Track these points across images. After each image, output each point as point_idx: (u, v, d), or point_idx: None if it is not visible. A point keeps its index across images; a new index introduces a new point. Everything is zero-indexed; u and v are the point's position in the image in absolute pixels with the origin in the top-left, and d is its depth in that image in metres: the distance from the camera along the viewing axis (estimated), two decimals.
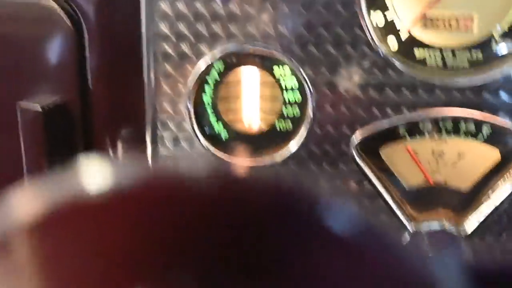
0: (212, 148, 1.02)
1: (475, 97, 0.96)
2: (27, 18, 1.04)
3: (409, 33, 0.97)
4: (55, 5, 1.02)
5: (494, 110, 0.97)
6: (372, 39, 0.95)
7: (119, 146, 1.08)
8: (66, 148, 1.08)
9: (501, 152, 1.03)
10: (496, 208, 1.02)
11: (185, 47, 0.97)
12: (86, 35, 1.03)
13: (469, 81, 0.96)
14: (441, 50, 0.98)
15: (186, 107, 1.00)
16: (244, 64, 1.01)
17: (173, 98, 1.00)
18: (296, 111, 1.02)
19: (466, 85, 0.96)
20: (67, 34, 1.03)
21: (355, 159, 1.01)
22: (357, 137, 1.00)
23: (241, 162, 1.03)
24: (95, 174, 0.31)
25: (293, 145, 1.01)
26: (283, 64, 0.98)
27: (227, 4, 0.93)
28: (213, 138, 1.04)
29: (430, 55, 0.98)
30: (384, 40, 0.97)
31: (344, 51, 0.95)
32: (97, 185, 0.30)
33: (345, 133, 1.00)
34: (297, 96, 1.01)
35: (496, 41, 0.97)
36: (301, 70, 0.96)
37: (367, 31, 0.94)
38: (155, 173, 0.32)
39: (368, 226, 0.31)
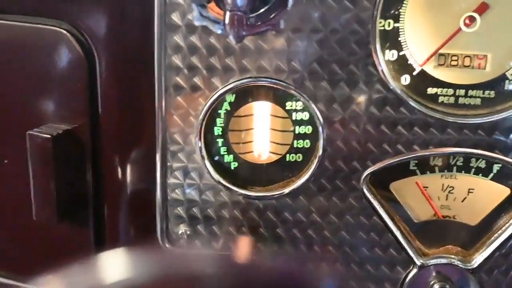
0: (222, 180, 1.01)
1: (486, 135, 0.96)
2: (38, 45, 1.03)
3: (422, 70, 0.97)
4: (66, 33, 1.01)
5: (505, 149, 0.97)
6: (385, 76, 0.94)
7: (128, 172, 1.08)
8: (74, 172, 1.07)
9: (510, 190, 1.03)
10: (504, 244, 1.02)
11: (197, 80, 0.97)
12: (97, 62, 1.02)
13: (481, 119, 0.96)
14: (453, 87, 0.98)
15: (196, 138, 0.99)
16: (256, 97, 1.00)
17: (184, 129, 0.99)
18: (307, 144, 1.02)
19: (477, 123, 0.96)
20: (78, 60, 1.02)
21: (365, 194, 1.01)
22: (367, 172, 0.99)
23: (251, 193, 1.02)
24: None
25: (303, 178, 1.01)
26: (295, 98, 0.98)
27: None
28: (223, 170, 1.03)
29: (442, 92, 0.98)
30: (396, 77, 0.97)
31: (357, 88, 0.95)
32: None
33: (356, 168, 1.00)
34: (308, 130, 1.01)
35: (509, 80, 0.96)
36: (312, 105, 0.96)
37: (380, 68, 0.94)
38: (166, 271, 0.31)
39: None
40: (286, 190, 1.02)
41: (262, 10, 0.89)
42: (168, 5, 0.92)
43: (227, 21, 0.85)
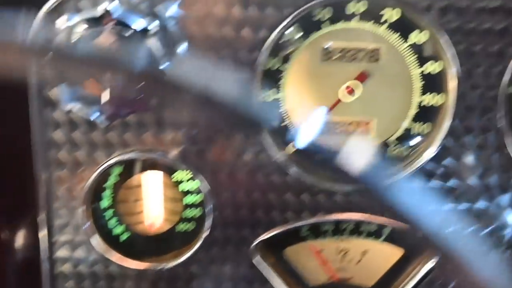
0: (109, 254, 0.99)
1: (374, 200, 0.96)
2: None
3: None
4: None
5: (393, 213, 0.97)
6: (270, 145, 0.94)
7: (14, 247, 1.05)
8: None
9: (403, 251, 1.04)
10: None
11: (80, 154, 0.95)
12: None
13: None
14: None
15: (83, 211, 0.97)
16: (144, 169, 0.99)
17: (70, 203, 0.97)
18: (197, 213, 1.01)
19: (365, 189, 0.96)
20: None
21: (257, 262, 1.00)
22: (258, 240, 0.99)
23: (143, 264, 1.01)
24: None
25: (195, 247, 1.00)
26: (182, 168, 0.97)
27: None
28: (113, 242, 1.01)
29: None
30: (282, 145, 0.97)
31: (243, 156, 0.94)
32: None
33: (246, 236, 0.99)
34: (198, 199, 1.00)
35: (393, 145, 0.97)
36: (199, 175, 0.95)
37: (265, 137, 0.93)
38: None
39: None
40: (179, 260, 1.00)
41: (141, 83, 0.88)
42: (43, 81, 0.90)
43: (105, 99, 0.83)
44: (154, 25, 0.80)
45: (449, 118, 0.92)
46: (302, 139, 0.52)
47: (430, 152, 0.94)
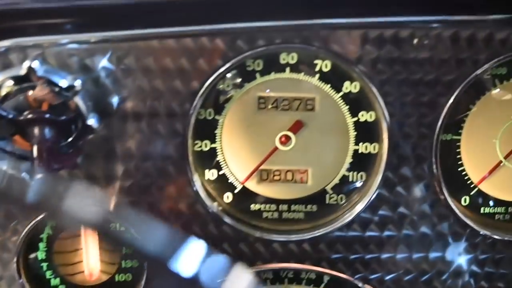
0: None
1: (311, 250, 0.96)
2: None
3: (244, 187, 0.97)
4: None
5: (330, 262, 0.97)
6: (206, 196, 0.94)
7: None
8: None
9: None
10: None
11: (13, 207, 0.93)
12: None
13: (305, 234, 0.96)
14: (276, 202, 0.98)
15: (15, 265, 0.95)
16: None
17: (3, 256, 0.95)
18: (134, 264, 1.00)
19: (302, 238, 0.96)
20: None
21: None
22: None
23: None
24: None
25: None
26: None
27: None
28: None
29: (266, 208, 0.98)
30: (219, 195, 0.96)
31: (176, 210, 0.94)
32: None
33: None
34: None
35: (329, 194, 0.97)
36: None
37: (195, 189, 0.93)
38: None
39: None
40: None
41: (70, 138, 0.87)
42: None
43: (35, 154, 0.82)
44: (79, 82, 0.80)
45: (382, 168, 0.92)
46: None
47: (365, 201, 0.94)
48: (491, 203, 0.99)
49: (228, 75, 0.92)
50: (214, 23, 0.87)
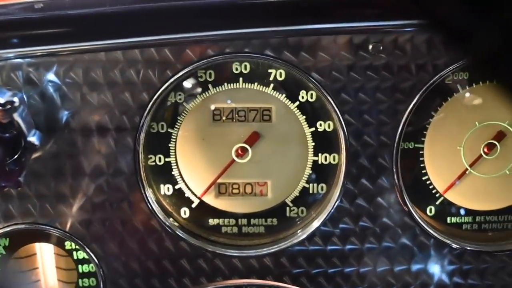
0: None
1: (273, 264, 0.93)
2: None
3: (202, 201, 0.94)
4: None
5: (292, 276, 0.94)
6: (161, 211, 0.91)
7: None
8: None
9: None
10: None
11: None
12: None
13: (266, 248, 0.93)
14: (235, 216, 0.95)
15: None
16: (35, 238, 0.95)
17: None
18: (93, 282, 0.97)
19: (262, 253, 0.93)
20: None
21: None
22: None
23: None
24: None
25: None
26: (70, 240, 0.93)
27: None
28: None
29: (224, 223, 0.95)
30: (176, 210, 0.94)
31: (130, 225, 0.91)
32: None
33: None
34: (92, 268, 0.96)
35: (289, 207, 0.94)
36: (87, 247, 0.91)
37: (154, 204, 0.90)
38: None
39: None
40: None
41: (16, 156, 0.84)
42: None
43: None
44: (17, 99, 0.77)
45: (342, 179, 0.89)
46: None
47: (326, 214, 0.91)
48: (459, 212, 0.96)
49: (180, 86, 0.89)
50: (162, 34, 0.84)
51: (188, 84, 0.89)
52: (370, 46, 0.84)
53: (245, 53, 0.84)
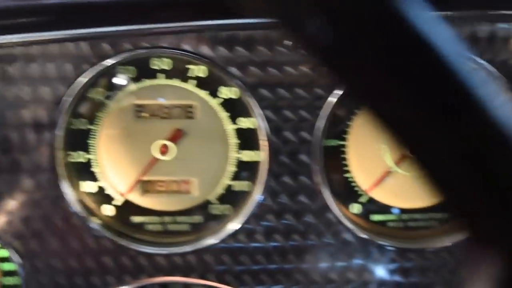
0: None
1: (196, 262, 0.92)
2: None
3: (126, 199, 0.93)
4: None
5: (217, 273, 0.93)
6: (82, 209, 0.90)
7: None
8: None
9: None
10: None
11: None
12: None
13: (188, 246, 0.92)
14: (159, 214, 0.94)
15: None
16: None
17: None
18: (16, 281, 0.95)
19: (185, 250, 0.92)
20: None
21: None
22: None
23: None
24: None
25: None
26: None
27: None
28: None
29: (148, 220, 0.94)
30: (98, 208, 0.93)
31: (52, 224, 0.90)
32: None
33: None
34: (14, 267, 0.95)
35: (213, 204, 0.94)
36: (8, 245, 0.90)
37: (74, 202, 0.89)
38: None
39: None
40: None
41: None
42: None
43: None
44: None
45: (264, 176, 0.89)
46: None
47: (249, 211, 0.90)
48: (384, 210, 0.95)
49: (99, 82, 0.88)
50: (79, 28, 0.84)
51: (108, 80, 0.88)
52: (286, 41, 0.84)
53: (161, 48, 0.84)
